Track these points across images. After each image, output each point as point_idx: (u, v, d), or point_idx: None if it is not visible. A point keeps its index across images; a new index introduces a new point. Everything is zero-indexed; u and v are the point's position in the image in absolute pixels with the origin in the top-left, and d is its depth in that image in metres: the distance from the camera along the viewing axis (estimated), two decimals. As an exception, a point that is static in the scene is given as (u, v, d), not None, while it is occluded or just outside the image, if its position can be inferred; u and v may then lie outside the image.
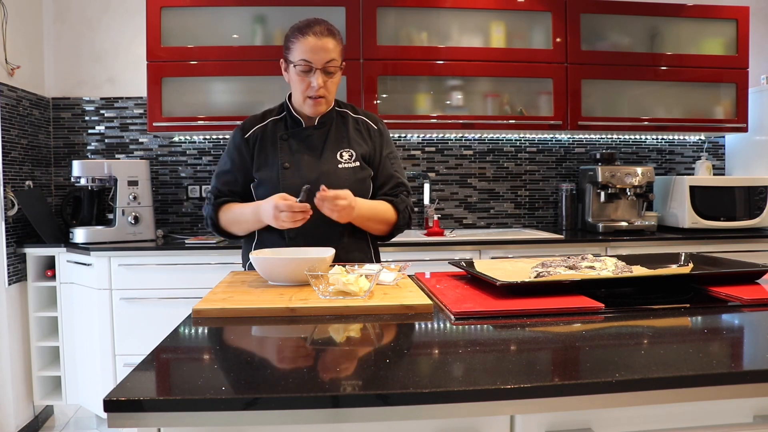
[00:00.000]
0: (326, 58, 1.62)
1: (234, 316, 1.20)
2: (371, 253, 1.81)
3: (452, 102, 3.18)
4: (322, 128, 1.74)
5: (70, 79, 3.30)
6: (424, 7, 3.10)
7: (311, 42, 1.61)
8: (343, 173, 1.70)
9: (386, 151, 1.80)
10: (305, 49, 1.61)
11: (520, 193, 3.55)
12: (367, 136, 1.79)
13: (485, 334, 1.09)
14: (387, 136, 1.83)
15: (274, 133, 1.74)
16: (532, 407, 0.81)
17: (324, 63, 1.62)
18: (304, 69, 1.63)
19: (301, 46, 1.62)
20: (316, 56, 1.61)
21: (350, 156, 1.73)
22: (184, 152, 3.36)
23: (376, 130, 1.80)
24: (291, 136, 1.73)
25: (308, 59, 1.61)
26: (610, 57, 3.19)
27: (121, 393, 0.77)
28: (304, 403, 0.77)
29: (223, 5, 3.01)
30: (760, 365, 0.88)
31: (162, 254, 2.76)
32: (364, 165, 1.75)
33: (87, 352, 2.86)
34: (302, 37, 1.62)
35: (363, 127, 1.79)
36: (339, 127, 1.76)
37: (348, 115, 1.80)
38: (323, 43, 1.61)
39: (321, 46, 1.61)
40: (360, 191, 1.71)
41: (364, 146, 1.76)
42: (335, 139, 1.74)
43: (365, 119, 1.81)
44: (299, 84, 1.66)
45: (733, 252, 2.97)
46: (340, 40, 1.67)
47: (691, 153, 3.69)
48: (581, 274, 1.35)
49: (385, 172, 1.78)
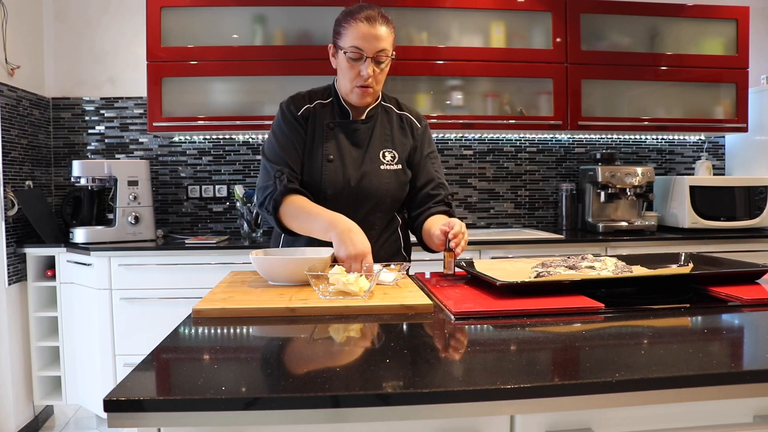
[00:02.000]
0: (378, 46, 1.56)
1: (234, 316, 1.20)
2: (402, 256, 1.81)
3: (452, 102, 3.18)
4: (369, 122, 1.69)
5: (70, 79, 3.30)
6: (424, 7, 3.09)
7: (363, 29, 1.54)
8: (384, 175, 1.67)
9: (428, 150, 1.76)
10: (357, 36, 1.55)
11: (520, 193, 3.55)
12: (410, 134, 1.75)
13: (485, 334, 1.09)
14: (429, 134, 1.80)
15: (321, 118, 1.68)
16: (532, 407, 0.81)
17: (375, 52, 1.56)
18: (355, 56, 1.57)
19: (352, 32, 1.55)
20: (367, 44, 1.55)
21: (393, 157, 1.69)
22: (184, 152, 3.36)
23: (419, 128, 1.77)
24: (337, 125, 1.68)
25: (359, 46, 1.55)
26: (610, 57, 3.19)
27: (121, 393, 0.77)
28: (304, 403, 0.77)
29: (223, 5, 3.01)
30: (760, 365, 0.88)
31: (162, 254, 2.76)
32: (405, 168, 1.72)
33: (87, 352, 2.86)
34: (354, 22, 1.56)
35: (407, 124, 1.75)
36: (383, 123, 1.72)
37: (392, 110, 1.76)
38: (376, 30, 1.55)
39: (374, 34, 1.55)
40: (399, 194, 1.71)
41: (407, 145, 1.73)
42: (380, 137, 1.70)
43: (409, 116, 1.77)
44: (348, 71, 1.60)
45: (733, 252, 2.96)
46: (393, 29, 1.61)
47: (691, 153, 3.69)
48: (581, 274, 1.35)
49: (426, 172, 1.75)
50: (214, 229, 3.38)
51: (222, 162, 3.37)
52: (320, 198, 1.65)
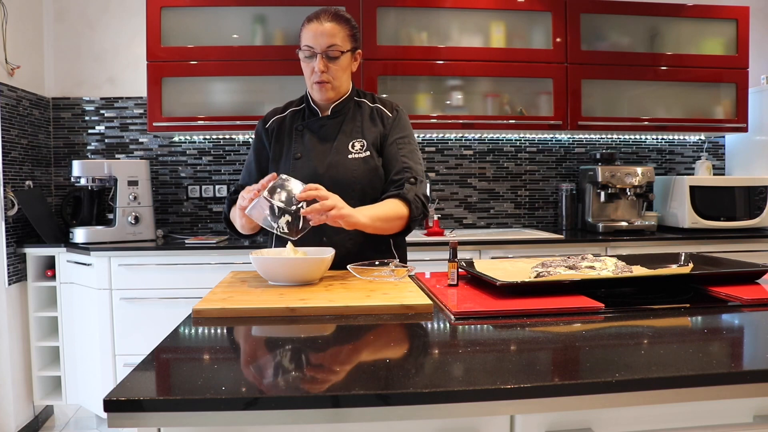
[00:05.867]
0: (327, 42, 1.63)
1: (234, 316, 1.20)
2: (392, 254, 1.76)
3: (452, 102, 3.18)
4: (337, 118, 1.74)
5: (70, 79, 3.30)
6: (424, 7, 3.10)
7: (313, 27, 1.64)
8: (352, 163, 1.68)
9: (396, 135, 1.73)
10: (308, 35, 1.65)
11: (520, 193, 3.55)
12: (380, 123, 1.75)
13: (485, 334, 1.09)
14: (402, 121, 1.76)
15: (291, 124, 1.76)
16: (532, 407, 0.81)
17: (325, 47, 1.63)
18: (307, 54, 1.66)
19: (305, 33, 1.66)
20: (316, 41, 1.63)
21: (362, 146, 1.71)
22: (184, 152, 3.36)
23: (389, 117, 1.76)
24: (306, 126, 1.74)
25: (310, 44, 1.65)
26: (610, 57, 3.19)
27: (121, 393, 0.77)
28: (304, 403, 0.77)
29: (223, 5, 3.01)
30: (760, 365, 0.88)
31: (162, 254, 2.76)
32: (374, 154, 1.71)
33: (87, 352, 2.86)
34: (307, 23, 1.66)
35: (377, 114, 1.76)
36: (354, 116, 1.75)
37: (365, 104, 1.78)
38: (324, 28, 1.63)
39: (322, 31, 1.63)
40: (372, 181, 1.69)
41: (374, 134, 1.73)
42: (349, 129, 1.73)
43: (381, 107, 1.78)
44: (305, 70, 1.70)
45: (733, 252, 2.97)
46: (346, 26, 1.66)
47: (691, 153, 3.69)
48: (581, 274, 1.35)
49: (391, 157, 1.71)
50: (214, 229, 3.38)
51: (222, 162, 3.37)
52: None
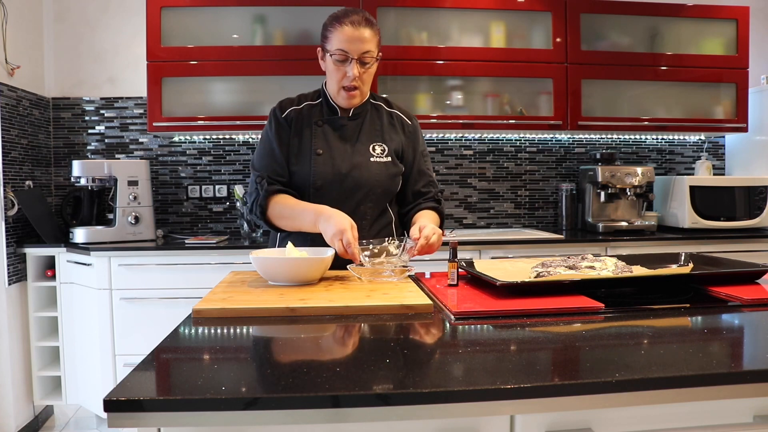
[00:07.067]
0: (363, 48, 1.62)
1: (234, 316, 1.20)
2: None
3: (452, 102, 3.18)
4: (357, 119, 1.74)
5: (70, 79, 3.30)
6: (424, 7, 3.10)
7: (348, 31, 1.61)
8: (374, 167, 1.70)
9: (420, 147, 1.82)
10: (342, 39, 1.61)
11: (520, 193, 3.55)
12: (401, 131, 1.79)
13: (485, 334, 1.09)
14: (420, 132, 1.84)
15: (309, 117, 1.73)
16: (532, 407, 0.81)
17: (360, 53, 1.62)
18: (341, 59, 1.63)
19: (338, 35, 1.62)
20: (352, 46, 1.61)
21: (383, 150, 1.73)
22: (184, 152, 3.36)
23: (410, 125, 1.81)
24: (326, 122, 1.73)
25: (345, 49, 1.61)
26: (610, 57, 3.19)
27: (121, 393, 0.77)
28: (304, 403, 0.77)
29: (223, 5, 3.01)
30: (760, 365, 0.88)
31: (162, 254, 2.76)
32: (396, 161, 1.75)
33: (87, 352, 2.85)
34: (339, 26, 1.62)
35: (397, 121, 1.80)
36: (373, 119, 1.77)
37: (382, 108, 1.80)
38: (360, 32, 1.61)
39: (358, 37, 1.61)
40: (390, 186, 1.74)
41: (396, 141, 1.77)
42: (369, 132, 1.74)
43: (399, 114, 1.82)
44: (335, 73, 1.66)
45: (733, 252, 2.96)
46: (377, 31, 1.67)
47: (691, 153, 3.69)
48: (581, 274, 1.35)
49: (419, 169, 1.80)
50: (214, 229, 3.38)
51: (222, 162, 3.37)
52: (309, 190, 1.69)
